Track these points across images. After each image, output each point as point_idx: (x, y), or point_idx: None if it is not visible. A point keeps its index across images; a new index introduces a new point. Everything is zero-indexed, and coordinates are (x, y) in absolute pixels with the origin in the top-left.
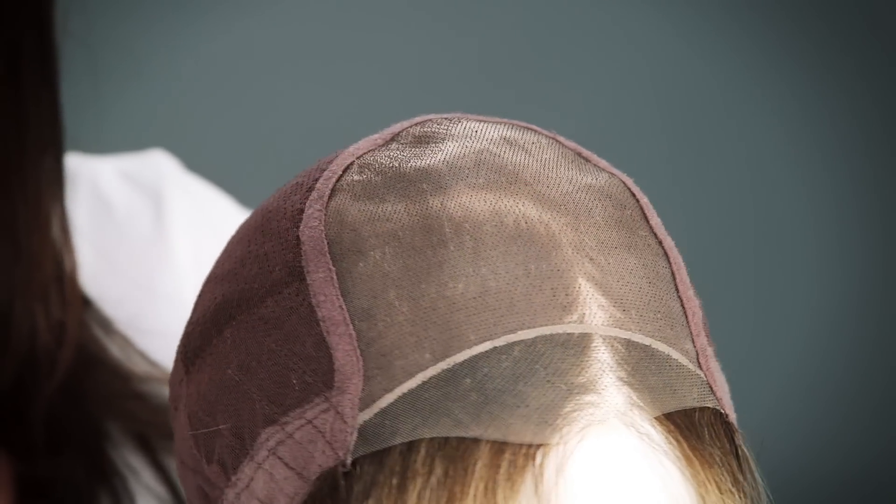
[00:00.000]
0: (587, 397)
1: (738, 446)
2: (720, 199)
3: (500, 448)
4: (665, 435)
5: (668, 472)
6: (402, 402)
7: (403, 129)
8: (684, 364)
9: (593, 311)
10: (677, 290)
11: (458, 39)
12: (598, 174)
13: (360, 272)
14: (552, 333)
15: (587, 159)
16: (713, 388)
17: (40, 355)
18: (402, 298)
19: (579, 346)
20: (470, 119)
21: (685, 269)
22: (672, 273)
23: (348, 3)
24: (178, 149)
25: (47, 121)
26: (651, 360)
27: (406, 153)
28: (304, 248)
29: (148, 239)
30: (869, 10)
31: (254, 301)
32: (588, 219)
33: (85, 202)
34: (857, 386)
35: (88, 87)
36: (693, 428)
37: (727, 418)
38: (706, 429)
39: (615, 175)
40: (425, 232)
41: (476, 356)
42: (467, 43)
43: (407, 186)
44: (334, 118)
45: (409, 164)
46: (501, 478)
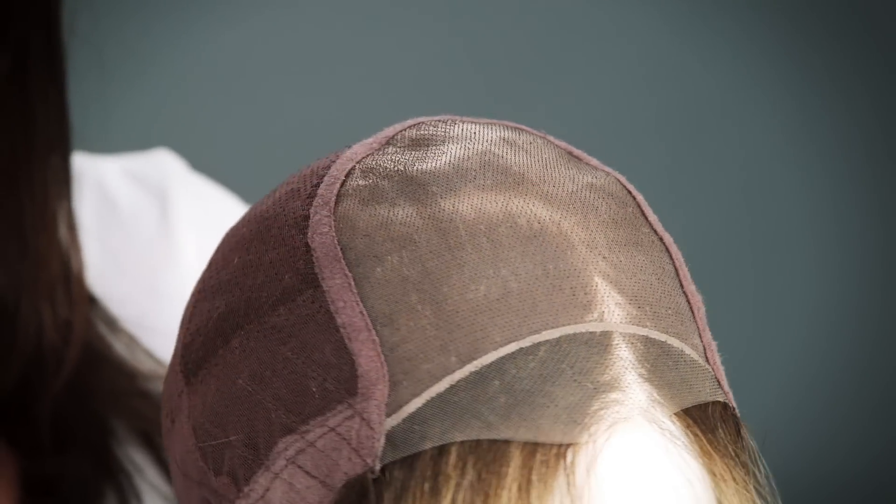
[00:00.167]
0: (612, 395)
1: (744, 439)
2: (720, 199)
3: (532, 449)
4: (684, 430)
5: (689, 466)
6: (431, 407)
7: (397, 133)
8: (695, 359)
9: (611, 309)
10: (682, 286)
11: (459, 39)
12: (594, 173)
13: (377, 277)
14: (575, 332)
15: (579, 158)
16: (720, 382)
17: (47, 353)
18: (423, 302)
19: (602, 345)
20: (465, 121)
21: (685, 264)
22: (675, 269)
23: (352, 4)
24: (183, 148)
25: (54, 119)
26: (667, 357)
27: (408, 156)
28: (315, 254)
29: (153, 238)
30: (868, 10)
31: (263, 310)
32: (596, 217)
33: (90, 201)
34: (857, 386)
35: (94, 86)
36: (707, 422)
37: (734, 411)
38: (718, 422)
39: (610, 173)
40: (441, 235)
41: (503, 358)
42: (467, 43)
43: (416, 190)
44: (339, 118)
45: (414, 168)
46: (535, 478)
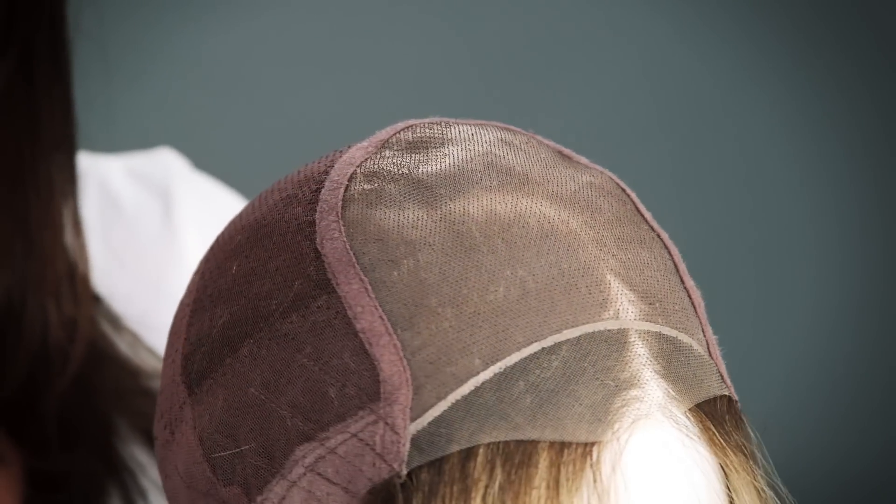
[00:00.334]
0: (632, 392)
1: (747, 431)
2: (721, 197)
3: (559, 448)
4: (699, 425)
5: (705, 460)
6: (457, 409)
7: (391, 136)
8: (702, 354)
9: (625, 307)
10: (682, 282)
11: (459, 39)
12: (590, 171)
13: (394, 281)
14: (594, 331)
15: (570, 157)
16: (723, 376)
17: (52, 351)
18: (443, 305)
19: (619, 342)
20: (459, 123)
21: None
22: (675, 265)
23: (354, 4)
24: (185, 147)
25: (60, 118)
26: (679, 352)
27: (409, 159)
28: (327, 260)
29: (157, 236)
30: (868, 10)
31: (274, 317)
32: (601, 215)
33: (94, 200)
34: (857, 385)
35: (98, 85)
36: (716, 416)
37: (737, 405)
38: (726, 416)
39: (603, 172)
40: (455, 237)
41: (526, 358)
42: (468, 43)
43: (424, 192)
44: (340, 117)
45: (419, 170)
46: (563, 477)
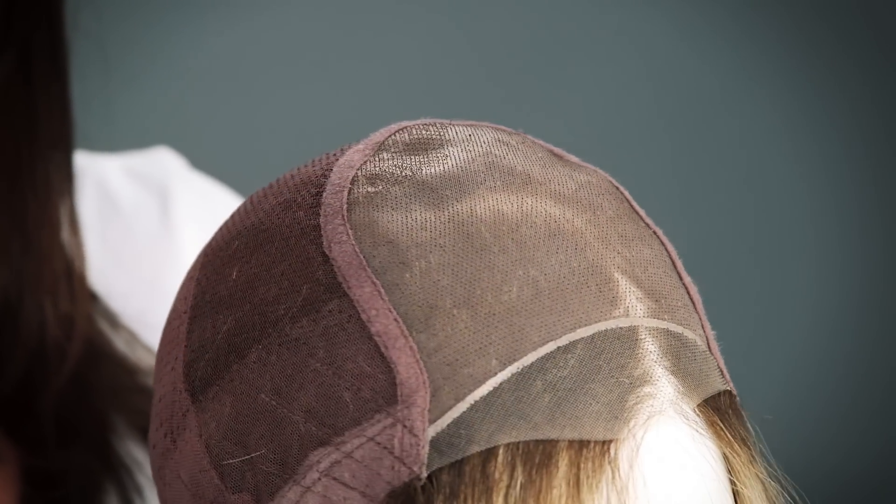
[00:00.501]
0: (645, 389)
1: (747, 425)
2: (720, 198)
3: (578, 446)
4: (706, 419)
5: (714, 455)
6: (475, 411)
7: (386, 138)
8: (705, 349)
9: (634, 304)
10: (681, 278)
11: (458, 39)
12: (585, 170)
13: (407, 283)
14: (607, 329)
15: (561, 156)
16: (723, 371)
17: (49, 349)
18: (458, 306)
19: (630, 339)
20: (453, 124)
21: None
22: (673, 261)
23: (350, 5)
24: (182, 147)
25: (58, 116)
26: (685, 348)
27: (410, 161)
28: (336, 264)
29: (154, 235)
30: (869, 10)
31: (282, 322)
32: (602, 214)
33: (91, 199)
34: (857, 385)
35: (96, 84)
36: (720, 411)
37: (737, 400)
38: (729, 410)
39: (596, 170)
40: (465, 238)
41: (543, 357)
42: (466, 43)
43: (429, 194)
44: (339, 117)
45: (422, 172)
46: (583, 476)
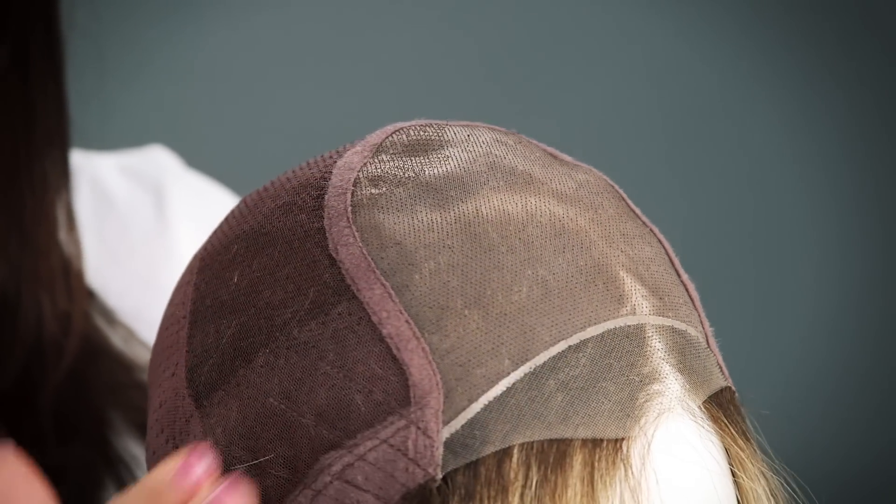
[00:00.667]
0: (654, 386)
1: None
2: (720, 198)
3: (592, 445)
4: (710, 415)
5: (719, 451)
6: (489, 411)
7: (383, 140)
8: (705, 346)
9: (639, 302)
10: (679, 275)
11: (459, 38)
12: (581, 170)
13: (417, 284)
14: (616, 327)
15: (556, 156)
16: (722, 367)
17: (47, 345)
18: (469, 306)
19: (638, 337)
20: (450, 124)
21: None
22: (670, 259)
23: (347, 5)
24: (177, 146)
25: (54, 113)
26: (689, 345)
27: (411, 162)
28: (344, 266)
29: (150, 232)
30: (868, 10)
31: (289, 326)
32: (603, 212)
33: (87, 196)
34: (857, 385)
35: (92, 82)
36: (722, 407)
37: (736, 395)
38: (731, 406)
39: (592, 170)
40: (472, 238)
41: (555, 357)
42: (465, 43)
43: (433, 195)
44: (335, 117)
45: (425, 173)
46: (598, 474)
